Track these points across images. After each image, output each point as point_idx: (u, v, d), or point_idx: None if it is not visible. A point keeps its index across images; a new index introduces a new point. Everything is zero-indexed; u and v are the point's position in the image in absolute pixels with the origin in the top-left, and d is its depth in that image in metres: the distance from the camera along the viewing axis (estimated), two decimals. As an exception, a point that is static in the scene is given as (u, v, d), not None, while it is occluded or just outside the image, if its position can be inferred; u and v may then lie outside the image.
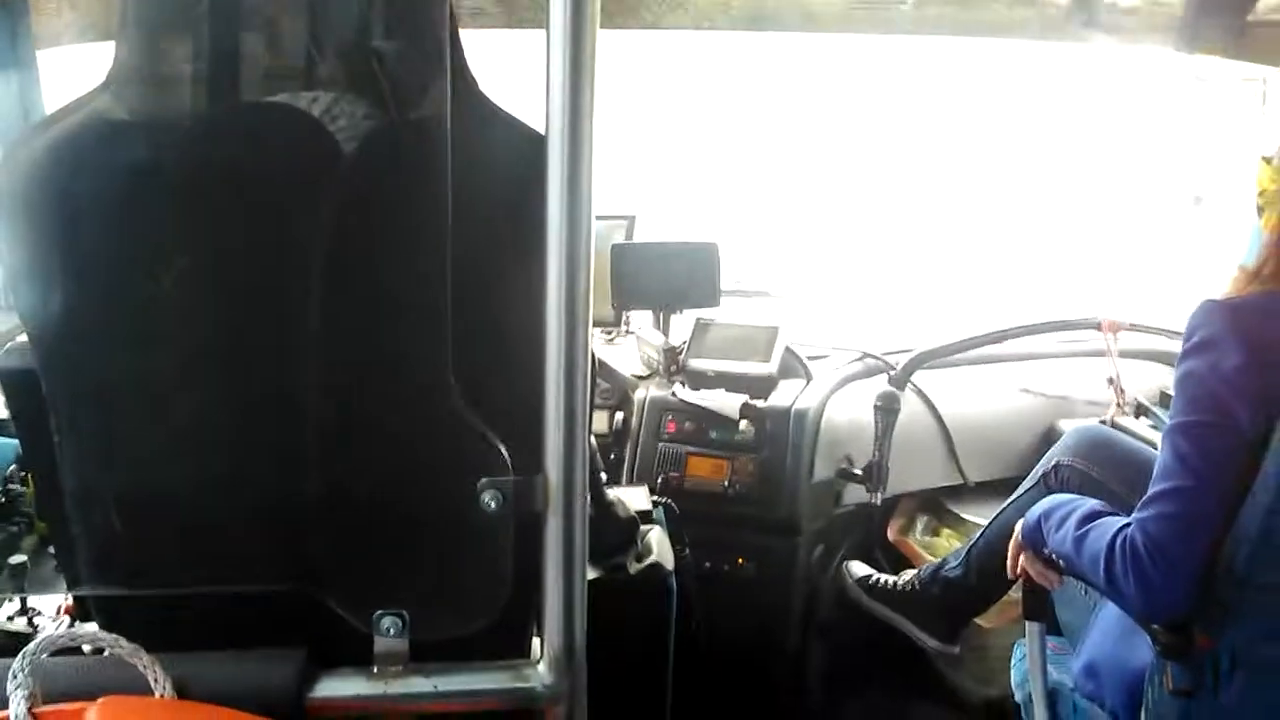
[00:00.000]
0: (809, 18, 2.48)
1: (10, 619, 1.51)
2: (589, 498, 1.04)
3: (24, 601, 1.53)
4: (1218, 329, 1.44)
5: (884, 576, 2.43)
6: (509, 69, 1.31)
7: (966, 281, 3.52)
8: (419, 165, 1.02)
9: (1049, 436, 2.53)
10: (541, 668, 1.03)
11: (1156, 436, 2.06)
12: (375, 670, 1.01)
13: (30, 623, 1.49)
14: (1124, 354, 2.58)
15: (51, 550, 1.53)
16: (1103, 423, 2.47)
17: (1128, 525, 1.47)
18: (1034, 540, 1.71)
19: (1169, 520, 1.44)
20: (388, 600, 1.02)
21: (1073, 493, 2.11)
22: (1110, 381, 2.52)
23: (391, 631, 1.01)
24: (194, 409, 1.05)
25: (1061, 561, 1.66)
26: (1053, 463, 2.19)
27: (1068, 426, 2.36)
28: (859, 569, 2.47)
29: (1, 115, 1.99)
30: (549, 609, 1.02)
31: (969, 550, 2.31)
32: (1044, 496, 2.17)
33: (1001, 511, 2.29)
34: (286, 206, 1.03)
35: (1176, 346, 1.51)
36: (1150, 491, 1.47)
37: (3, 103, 1.98)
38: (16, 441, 1.58)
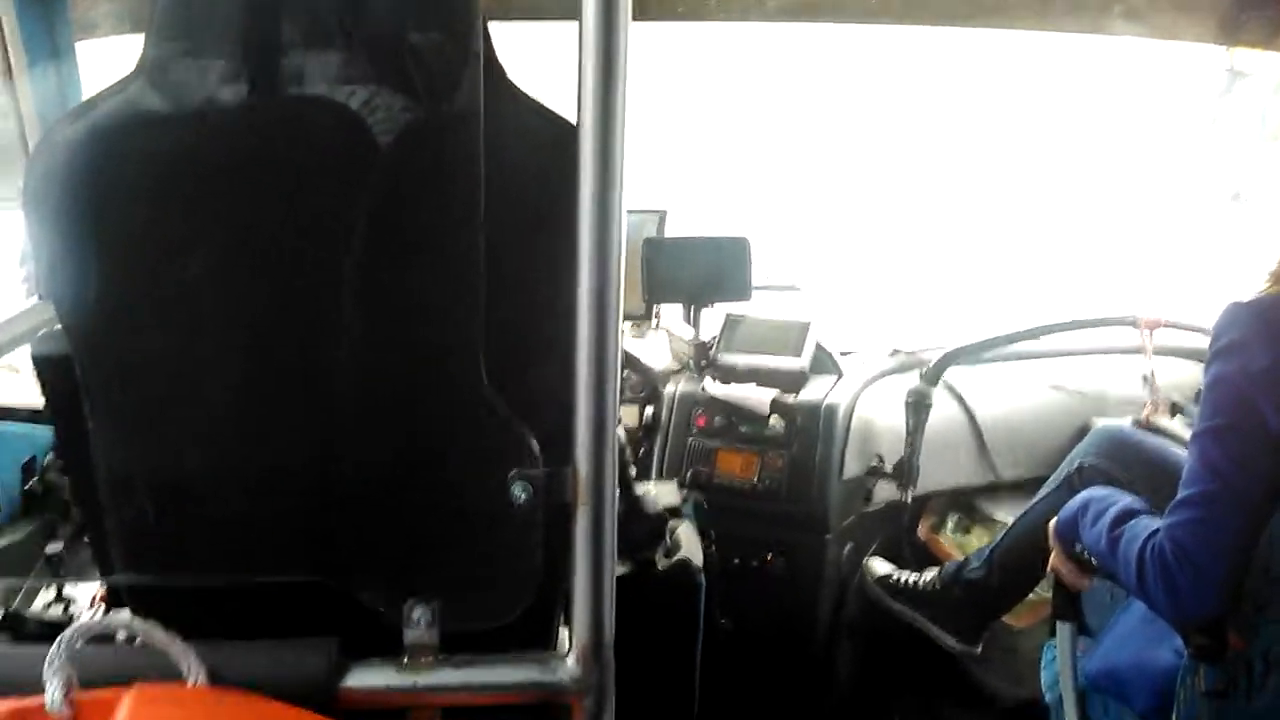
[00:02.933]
0: (844, 9, 2.47)
1: (47, 607, 1.53)
2: (619, 491, 1.04)
3: (60, 589, 1.54)
4: (1245, 331, 1.43)
5: (906, 575, 2.41)
6: (538, 62, 1.32)
7: (1002, 278, 3.50)
8: (453, 157, 1.02)
9: (1083, 435, 2.50)
10: (570, 661, 1.03)
11: (1192, 435, 2.05)
12: (405, 661, 1.01)
13: (66, 610, 1.51)
14: (1160, 351, 2.55)
15: (86, 538, 1.55)
16: (1138, 421, 2.45)
17: (1157, 531, 1.47)
18: (1067, 534, 1.69)
19: (1195, 526, 1.43)
20: (418, 591, 1.02)
21: None
22: (1146, 379, 2.49)
23: (422, 622, 1.02)
24: (227, 397, 1.05)
25: (1094, 559, 1.64)
26: (1076, 464, 2.18)
27: (1114, 423, 2.34)
28: (880, 567, 2.46)
29: (40, 104, 2.01)
30: (578, 602, 1.02)
31: (992, 551, 2.30)
32: (1069, 498, 2.17)
33: (1026, 513, 2.28)
34: (322, 197, 1.03)
35: (1212, 345, 1.50)
36: (1178, 496, 1.46)
37: (41, 91, 2.01)
38: (51, 430, 1.60)
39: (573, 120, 0.96)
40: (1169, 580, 1.44)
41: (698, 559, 1.76)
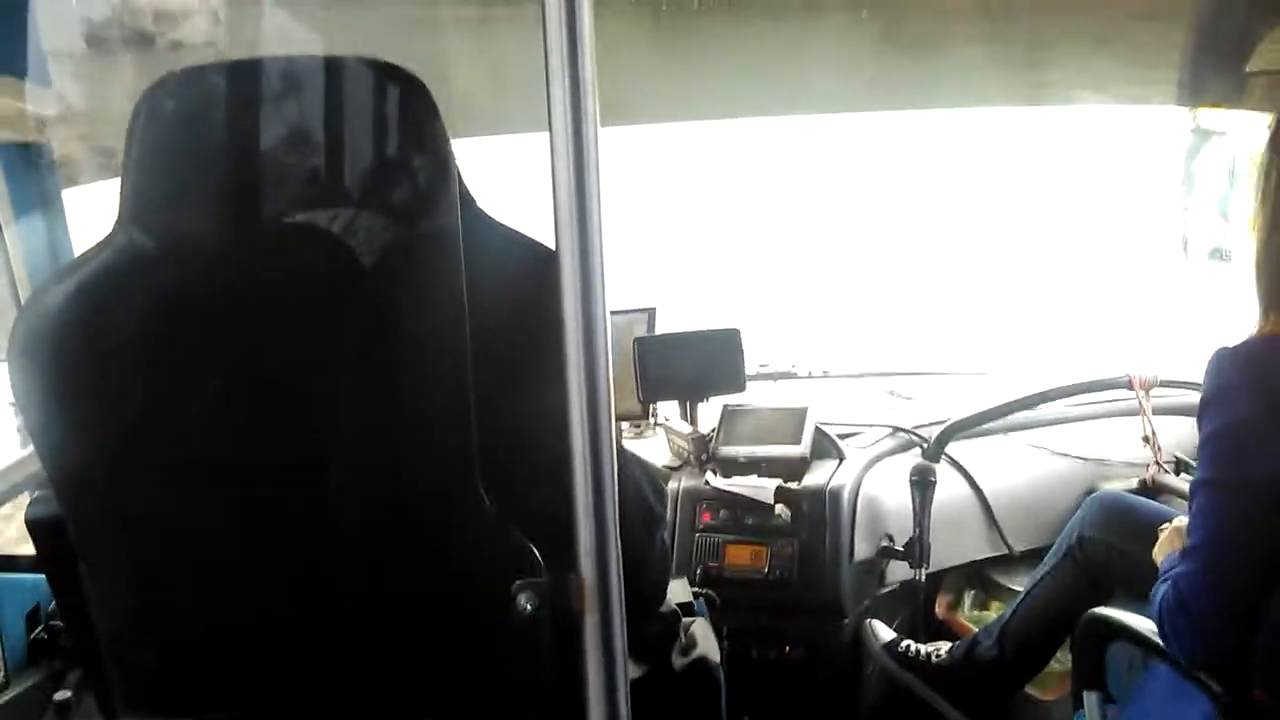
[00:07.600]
0: (801, 102, 2.53)
1: (58, 755, 1.51)
2: (625, 594, 1.03)
3: (70, 737, 1.52)
4: (1232, 379, 1.45)
5: (915, 646, 2.37)
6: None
7: (993, 347, 3.50)
8: (436, 270, 1.04)
9: (1091, 501, 2.50)
10: (589, 772, 1.01)
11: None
12: (420, 783, 1.00)
13: (76, 758, 1.49)
14: (1158, 410, 2.54)
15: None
16: (1143, 482, 2.44)
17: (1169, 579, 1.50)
18: None
19: (1191, 576, 1.46)
20: (429, 709, 1.01)
21: (1099, 566, 2.10)
22: (1146, 440, 2.49)
23: (434, 742, 1.00)
24: (222, 540, 1.05)
25: None
26: (1075, 535, 2.17)
27: (1109, 489, 2.33)
28: (884, 631, 2.41)
29: (29, 256, 2.03)
30: (592, 709, 1.00)
31: (1002, 629, 2.27)
32: (1071, 573, 2.15)
33: (1031, 589, 2.26)
34: (311, 324, 1.04)
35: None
36: (1183, 545, 1.50)
37: (30, 243, 2.03)
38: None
39: (541, 236, 0.98)
40: (1174, 625, 1.48)
41: (714, 656, 1.73)
